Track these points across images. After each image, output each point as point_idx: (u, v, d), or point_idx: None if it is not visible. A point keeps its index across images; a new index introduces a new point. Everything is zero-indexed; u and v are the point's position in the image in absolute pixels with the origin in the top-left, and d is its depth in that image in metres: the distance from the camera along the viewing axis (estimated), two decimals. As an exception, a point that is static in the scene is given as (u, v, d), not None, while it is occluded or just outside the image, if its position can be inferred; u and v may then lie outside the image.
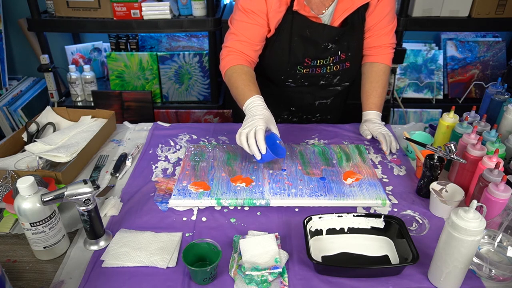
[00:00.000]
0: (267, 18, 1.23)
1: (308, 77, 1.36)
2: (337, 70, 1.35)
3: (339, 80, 1.39)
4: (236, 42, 1.25)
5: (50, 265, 0.88)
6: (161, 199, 1.06)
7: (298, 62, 1.31)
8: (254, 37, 1.25)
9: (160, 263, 0.86)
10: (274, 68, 1.35)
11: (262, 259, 0.85)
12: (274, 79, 1.39)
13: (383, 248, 0.92)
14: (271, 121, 1.11)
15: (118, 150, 1.30)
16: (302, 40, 1.27)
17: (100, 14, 2.12)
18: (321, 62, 1.32)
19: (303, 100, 1.45)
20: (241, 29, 1.24)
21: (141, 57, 2.28)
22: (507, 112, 1.17)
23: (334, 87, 1.43)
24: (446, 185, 1.04)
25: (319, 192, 1.06)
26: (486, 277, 0.85)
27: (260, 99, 1.16)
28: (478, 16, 2.13)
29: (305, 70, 1.33)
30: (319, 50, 1.29)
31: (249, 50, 1.26)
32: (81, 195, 0.84)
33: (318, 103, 1.47)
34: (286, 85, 1.39)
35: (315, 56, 1.30)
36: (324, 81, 1.38)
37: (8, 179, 1.06)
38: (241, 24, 1.24)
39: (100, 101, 2.33)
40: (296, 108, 1.49)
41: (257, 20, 1.22)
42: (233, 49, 1.26)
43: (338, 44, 1.29)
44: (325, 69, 1.34)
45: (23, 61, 2.64)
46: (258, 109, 1.12)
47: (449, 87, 2.44)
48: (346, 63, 1.34)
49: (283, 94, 1.44)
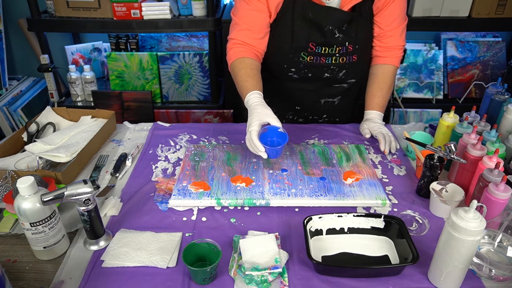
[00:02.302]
0: (266, 2, 1.21)
1: (312, 67, 1.31)
2: (343, 62, 1.31)
3: (344, 74, 1.35)
4: (238, 32, 1.25)
5: (50, 265, 0.88)
6: (161, 199, 1.06)
7: (302, 47, 1.28)
8: (256, 23, 1.24)
9: (160, 263, 0.86)
10: (277, 55, 1.32)
11: (262, 259, 0.85)
12: (276, 69, 1.35)
13: (383, 248, 0.92)
14: (266, 114, 1.09)
15: (118, 150, 1.30)
16: (306, 22, 1.24)
17: (100, 14, 2.12)
18: (327, 51, 1.28)
19: (308, 98, 1.43)
20: (243, 17, 1.24)
21: (141, 57, 2.28)
22: (507, 112, 1.17)
23: (339, 83, 1.39)
24: (446, 185, 1.04)
25: (319, 192, 1.06)
26: (486, 277, 0.85)
27: (255, 95, 1.15)
28: (478, 16, 2.13)
29: (309, 58, 1.29)
30: (324, 35, 1.25)
31: (252, 39, 1.25)
32: (81, 195, 0.84)
33: (324, 101, 1.44)
34: (289, 76, 1.35)
35: (320, 41, 1.26)
36: (329, 74, 1.33)
37: (8, 179, 1.06)
38: (242, 12, 1.24)
39: (100, 101, 2.33)
40: (301, 107, 1.46)
41: (257, 5, 1.21)
42: (237, 40, 1.25)
43: (345, 34, 1.26)
44: (331, 60, 1.30)
45: (23, 61, 2.64)
46: (252, 107, 1.12)
47: (449, 87, 2.44)
48: (354, 56, 1.31)
49: (287, 91, 1.41)
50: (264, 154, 1.06)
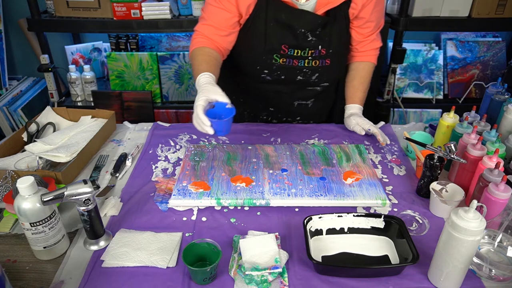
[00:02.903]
0: (236, 2, 1.19)
1: (284, 69, 1.31)
2: (316, 66, 1.31)
3: (317, 78, 1.35)
4: (203, 26, 1.24)
5: (50, 265, 0.88)
6: (161, 199, 1.06)
7: (274, 49, 1.27)
8: (221, 22, 1.22)
9: (160, 263, 0.86)
10: (250, 57, 1.31)
11: (262, 259, 0.85)
12: (249, 70, 1.34)
13: (383, 248, 0.92)
14: (214, 92, 1.06)
15: (118, 150, 1.30)
16: (278, 25, 1.23)
17: (100, 14, 2.12)
18: (299, 53, 1.27)
19: (281, 100, 1.42)
20: (210, 13, 1.23)
21: (141, 57, 2.28)
22: (507, 112, 1.17)
23: (313, 86, 1.39)
24: (446, 185, 1.04)
25: (319, 192, 1.06)
26: (486, 277, 0.85)
27: (205, 75, 1.12)
28: (478, 16, 2.13)
29: (281, 60, 1.28)
30: (297, 38, 1.25)
31: (216, 35, 1.24)
32: (81, 195, 0.84)
33: (297, 104, 1.44)
34: (262, 78, 1.33)
35: (292, 44, 1.26)
36: (302, 77, 1.33)
37: (8, 179, 1.06)
38: (209, 8, 1.23)
39: (100, 101, 2.34)
40: (275, 108, 1.46)
41: (224, 5, 1.20)
42: (200, 33, 1.25)
43: (318, 38, 1.26)
44: (303, 62, 1.29)
45: (23, 61, 2.64)
46: (201, 86, 1.09)
47: (449, 87, 2.44)
48: (327, 60, 1.31)
49: (260, 93, 1.40)
50: (210, 130, 1.00)
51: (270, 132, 1.39)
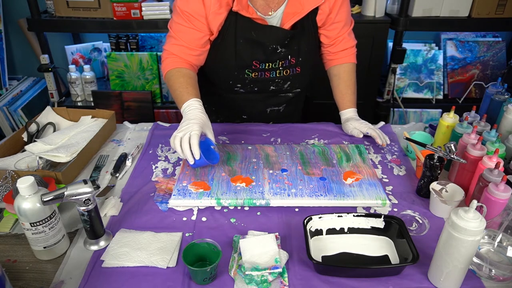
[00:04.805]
0: (206, 21, 1.17)
1: (257, 82, 1.32)
2: (287, 74, 1.32)
3: (290, 86, 1.36)
4: (173, 46, 1.22)
5: (50, 265, 0.88)
6: (161, 199, 1.06)
7: (246, 65, 1.27)
8: (192, 41, 1.21)
9: (160, 263, 0.86)
10: (222, 73, 1.31)
11: (262, 259, 0.85)
12: (223, 84, 1.34)
13: (383, 248, 0.92)
14: (207, 125, 1.09)
15: (118, 150, 1.30)
16: (248, 42, 1.23)
17: (100, 14, 2.12)
18: (270, 66, 1.28)
19: (254, 107, 1.42)
20: (179, 32, 1.20)
21: (141, 57, 2.28)
22: (507, 112, 1.17)
23: (285, 93, 1.40)
24: (446, 185, 1.04)
25: (319, 192, 1.06)
26: (486, 277, 0.85)
27: (197, 102, 1.13)
28: (478, 16, 2.13)
29: (253, 74, 1.29)
30: (267, 53, 1.25)
31: (188, 54, 1.22)
32: (81, 195, 0.84)
33: (269, 110, 1.44)
34: (235, 90, 1.34)
35: (263, 59, 1.26)
36: (274, 86, 1.34)
37: (8, 179, 1.06)
38: (178, 27, 1.20)
39: (100, 101, 2.34)
40: (247, 116, 1.46)
41: (195, 24, 1.18)
42: (171, 53, 1.23)
43: (287, 48, 1.26)
44: (275, 73, 1.30)
45: (23, 61, 2.64)
46: (195, 113, 1.09)
47: (449, 87, 2.44)
48: (297, 68, 1.32)
49: (234, 102, 1.40)
50: (191, 160, 1.03)
51: (270, 132, 1.39)
